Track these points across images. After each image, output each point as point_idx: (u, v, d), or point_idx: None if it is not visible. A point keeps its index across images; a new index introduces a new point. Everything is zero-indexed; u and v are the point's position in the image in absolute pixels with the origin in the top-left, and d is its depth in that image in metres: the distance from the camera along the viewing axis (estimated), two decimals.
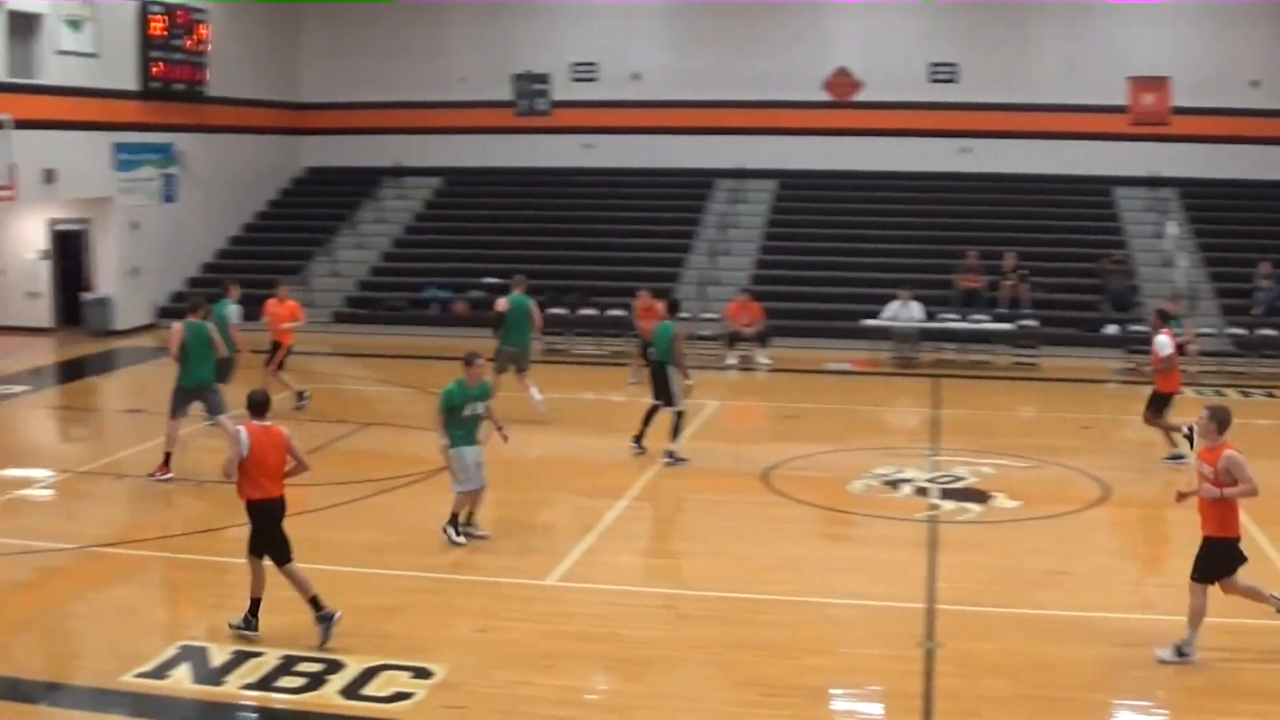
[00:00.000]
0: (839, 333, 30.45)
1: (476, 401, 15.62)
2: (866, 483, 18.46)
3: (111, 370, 29.58)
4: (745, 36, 37.55)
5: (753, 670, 11.81)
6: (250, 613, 12.70)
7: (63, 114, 30.77)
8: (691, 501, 17.90)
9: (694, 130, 38.05)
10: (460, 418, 15.50)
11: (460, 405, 15.47)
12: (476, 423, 15.71)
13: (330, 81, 41.17)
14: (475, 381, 15.67)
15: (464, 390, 15.55)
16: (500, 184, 39.29)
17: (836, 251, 34.35)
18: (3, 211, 31.66)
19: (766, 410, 25.49)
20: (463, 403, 15.50)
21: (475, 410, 15.61)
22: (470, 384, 15.60)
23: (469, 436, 15.60)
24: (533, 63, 39.19)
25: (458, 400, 15.47)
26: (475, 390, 15.63)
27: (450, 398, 15.46)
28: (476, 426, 15.73)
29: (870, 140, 36.85)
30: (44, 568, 15.24)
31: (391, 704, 11.17)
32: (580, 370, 28.71)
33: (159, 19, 33.84)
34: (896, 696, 11.40)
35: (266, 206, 40.27)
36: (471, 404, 15.56)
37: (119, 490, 18.66)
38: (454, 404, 15.44)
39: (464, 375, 15.62)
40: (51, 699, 11.59)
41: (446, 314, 33.50)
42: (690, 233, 36.13)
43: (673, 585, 14.28)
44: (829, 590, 14.09)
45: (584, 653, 12.35)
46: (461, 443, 15.51)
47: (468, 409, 15.54)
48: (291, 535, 12.72)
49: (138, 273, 34.00)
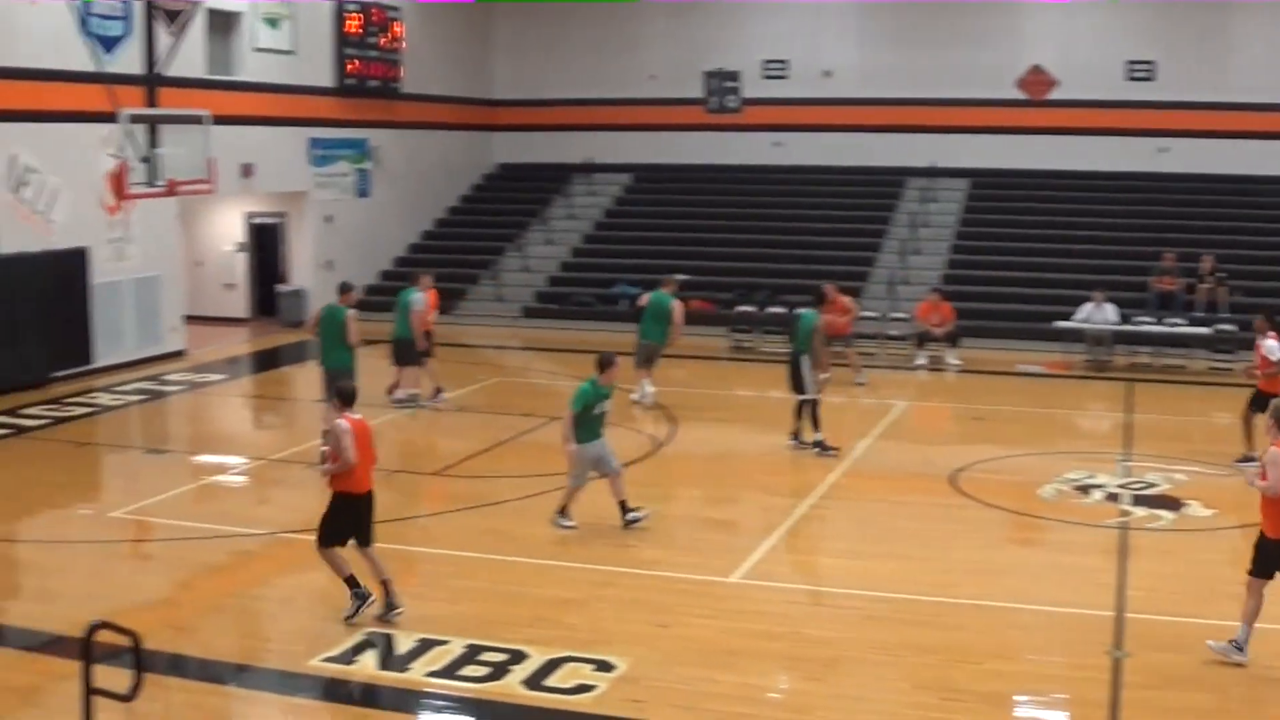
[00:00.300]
0: (1031, 334, 30.03)
1: (604, 400, 16.04)
2: (1056, 487, 18.19)
3: (304, 360, 30.07)
4: (938, 33, 37.21)
5: (934, 673, 11.72)
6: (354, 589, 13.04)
7: (260, 110, 31.52)
8: (878, 502, 17.77)
9: (885, 128, 37.79)
10: (589, 416, 15.89)
11: (592, 404, 15.86)
12: (602, 420, 16.14)
13: (522, 78, 41.64)
14: (609, 383, 16.06)
15: (597, 390, 15.92)
16: (690, 181, 39.37)
17: (1029, 252, 33.86)
18: (201, 205, 32.48)
19: (955, 412, 25.22)
20: (594, 402, 15.88)
21: (603, 409, 16.06)
22: (604, 385, 15.98)
23: (593, 433, 16.03)
24: (724, 60, 39.20)
25: (590, 400, 15.85)
26: (605, 390, 16.03)
27: (585, 398, 15.82)
28: (601, 424, 16.15)
29: (1065, 139, 36.27)
30: (236, 552, 15.62)
31: (573, 696, 11.28)
32: (768, 368, 28.54)
33: (354, 17, 34.48)
34: (1082, 705, 11.24)
35: (458, 202, 40.81)
36: (600, 403, 15.98)
37: (310, 478, 19.01)
38: (588, 404, 15.81)
39: (598, 376, 15.97)
40: (240, 680, 11.91)
41: (635, 310, 33.52)
42: (881, 231, 35.90)
43: (856, 586, 14.19)
44: (1015, 595, 13.89)
45: (765, 651, 12.35)
46: (584, 439, 15.90)
47: (597, 408, 15.95)
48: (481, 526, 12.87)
49: (331, 265, 34.64)
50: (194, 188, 23.62)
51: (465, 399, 24.52)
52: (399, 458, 21.02)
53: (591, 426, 15.99)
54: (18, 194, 24.72)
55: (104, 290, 26.73)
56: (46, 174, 25.25)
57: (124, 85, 22.81)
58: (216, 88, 29.37)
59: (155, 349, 28.25)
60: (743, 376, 27.65)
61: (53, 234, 25.51)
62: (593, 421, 15.99)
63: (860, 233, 35.85)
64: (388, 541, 15.75)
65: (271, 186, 32.99)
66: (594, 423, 16.01)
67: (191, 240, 34.02)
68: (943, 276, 33.04)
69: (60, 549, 15.88)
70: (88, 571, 15.08)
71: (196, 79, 28.47)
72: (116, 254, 27.18)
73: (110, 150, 25.28)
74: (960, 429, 23.75)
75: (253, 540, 16.15)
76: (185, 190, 23.70)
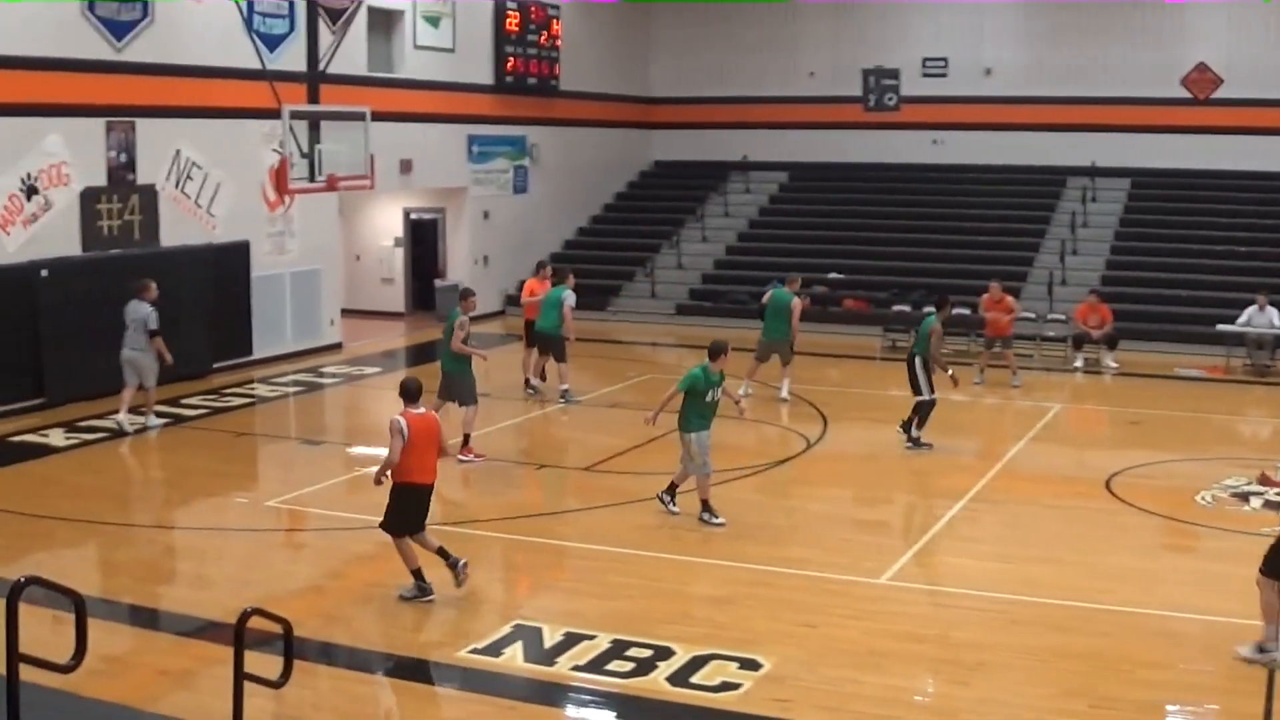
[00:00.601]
0: (1191, 337, 29.50)
1: (716, 388, 16.25)
2: (1214, 494, 17.83)
3: None
4: (1100, 31, 36.64)
5: (1083, 680, 11.55)
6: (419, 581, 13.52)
7: (420, 107, 31.84)
8: (1030, 505, 17.52)
9: (1045, 127, 37.28)
10: (702, 403, 16.13)
11: (703, 391, 16.10)
12: (714, 409, 16.35)
13: (680, 76, 41.74)
14: (719, 370, 16.28)
15: (708, 377, 16.15)
16: (846, 179, 39.18)
17: (1191, 253, 33.19)
18: (361, 200, 32.92)
19: (1111, 415, 24.80)
20: (705, 389, 16.12)
21: (715, 396, 16.26)
22: (714, 371, 16.22)
23: (706, 421, 16.23)
24: (883, 58, 38.91)
25: (701, 385, 16.11)
26: (716, 377, 16.25)
27: (693, 380, 16.13)
28: (713, 412, 16.36)
29: (1230, 139, 35.45)
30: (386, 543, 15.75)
31: (718, 693, 11.26)
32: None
33: (514, 15, 34.75)
34: (1235, 716, 11.02)
35: (614, 198, 40.99)
36: (713, 389, 16.21)
37: (463, 472, 19.19)
38: (698, 388, 16.08)
39: (709, 362, 16.23)
40: (388, 669, 12.05)
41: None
42: (1040, 231, 35.42)
43: (1006, 590, 14.02)
44: (1168, 603, 13.64)
45: (912, 653, 12.25)
46: (699, 428, 16.14)
47: (709, 395, 16.17)
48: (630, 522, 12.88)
49: (487, 261, 34.98)
50: (354, 183, 23.93)
51: (616, 395, 24.62)
52: (549, 452, 21.20)
53: (704, 414, 16.21)
54: (181, 188, 25.23)
55: (264, 283, 27.22)
56: (209, 169, 25.76)
57: (287, 82, 23.16)
58: (377, 85, 29.76)
59: (313, 342, 28.73)
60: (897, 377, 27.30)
61: (215, 228, 26.02)
62: (705, 409, 16.21)
63: (1019, 232, 35.42)
64: (539, 536, 15.90)
65: (430, 182, 33.35)
66: (706, 410, 16.24)
67: (350, 235, 34.53)
68: (1102, 278, 32.52)
69: (216, 536, 16.20)
70: (242, 559, 15.38)
71: (358, 76, 28.85)
72: (277, 248, 27.66)
73: (273, 146, 25.74)
74: (1116, 433, 23.37)
75: None
76: (345, 186, 24.01)
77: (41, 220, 22.59)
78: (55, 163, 22.76)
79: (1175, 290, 31.88)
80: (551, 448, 21.55)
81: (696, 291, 35.58)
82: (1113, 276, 32.75)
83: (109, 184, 23.82)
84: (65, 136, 22.91)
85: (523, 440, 22.05)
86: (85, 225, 23.37)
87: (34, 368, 22.33)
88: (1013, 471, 19.23)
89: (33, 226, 22.43)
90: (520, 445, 21.73)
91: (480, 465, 19.24)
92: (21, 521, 16.26)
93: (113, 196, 23.87)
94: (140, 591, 14.02)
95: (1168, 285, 32.15)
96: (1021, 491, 18.20)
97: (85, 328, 22.45)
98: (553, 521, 16.63)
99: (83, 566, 14.87)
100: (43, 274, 22.35)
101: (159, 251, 24.57)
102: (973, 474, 18.91)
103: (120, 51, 23.79)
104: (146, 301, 21.07)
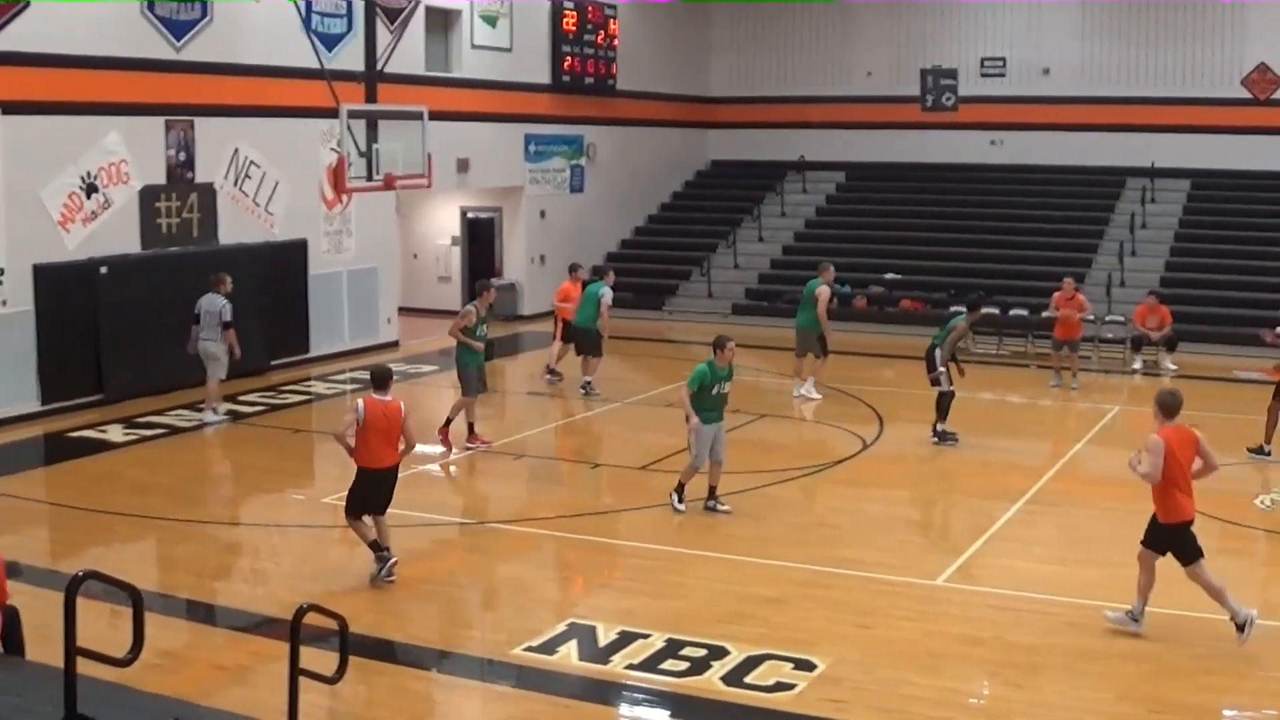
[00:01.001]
0: (1250, 340, 29.14)
1: (724, 381, 16.47)
2: (1273, 497, 17.70)
3: (516, 353, 30.54)
4: (1160, 31, 36.42)
5: (1141, 684, 11.47)
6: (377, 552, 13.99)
7: (477, 106, 31.95)
8: (1088, 508, 17.41)
9: (1104, 127, 37.06)
10: (708, 396, 16.30)
11: (710, 385, 16.30)
12: (723, 401, 16.59)
13: (737, 75, 41.79)
14: (725, 363, 16.44)
15: (714, 372, 16.36)
16: (903, 179, 39.07)
17: (1250, 255, 32.95)
18: (418, 199, 33.03)
19: None
20: (712, 383, 16.33)
21: (722, 390, 16.49)
22: (720, 365, 16.38)
23: (715, 414, 16.48)
24: (941, 58, 38.74)
25: (708, 380, 16.31)
26: (724, 372, 16.43)
27: (701, 378, 16.31)
28: (723, 404, 16.61)
29: None
30: (444, 541, 15.87)
31: (773, 694, 11.25)
32: (980, 369, 28.21)
33: (571, 15, 34.83)
34: None
35: (670, 198, 41.01)
36: (719, 384, 16.42)
37: (519, 469, 19.22)
38: (705, 384, 16.28)
39: (715, 357, 16.40)
40: (443, 666, 12.11)
41: (846, 309, 33.38)
42: (1099, 232, 35.22)
43: (1064, 593, 13.94)
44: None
45: (968, 655, 12.21)
46: (706, 421, 16.32)
47: (715, 388, 16.38)
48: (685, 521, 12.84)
49: (543, 260, 35.05)
50: (411, 182, 23.99)
51: (671, 394, 24.55)
52: (605, 451, 21.20)
53: (709, 406, 16.38)
54: (240, 187, 25.38)
55: (322, 281, 27.37)
56: (267, 167, 25.90)
57: (344, 81, 23.26)
58: (434, 84, 29.87)
59: (370, 339, 28.87)
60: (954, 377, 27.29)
61: (273, 226, 26.16)
62: (713, 402, 16.41)
63: (1078, 233, 35.23)
64: (593, 534, 15.91)
65: (487, 181, 33.43)
66: (715, 403, 16.45)
67: (407, 233, 34.66)
68: (1161, 279, 32.31)
69: (272, 533, 16.30)
70: (298, 555, 15.47)
71: (415, 75, 28.94)
72: (334, 246, 27.80)
73: (330, 145, 25.85)
74: None
75: (458, 529, 16.40)
76: (402, 184, 24.08)
77: (101, 218, 22.78)
78: (115, 161, 22.95)
79: (1235, 292, 31.64)
80: (607, 446, 21.55)
81: (753, 291, 35.54)
82: (1172, 278, 32.53)
83: (168, 182, 24.01)
84: (125, 135, 23.11)
85: (576, 439, 22.09)
86: (144, 223, 23.57)
87: (93, 364, 22.53)
88: (1070, 474, 19.14)
89: (92, 224, 22.62)
90: (573, 444, 21.77)
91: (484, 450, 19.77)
92: (80, 516, 16.41)
93: (172, 195, 24.06)
94: (197, 587, 14.12)
95: (1227, 287, 31.92)
96: (1079, 494, 18.10)
97: (144, 325, 22.67)
98: (607, 520, 16.64)
99: (140, 561, 14.98)
100: (102, 271, 22.55)
101: (217, 249, 24.73)
102: (1030, 476, 18.82)
103: (179, 51, 23.98)
104: (221, 294, 21.46)
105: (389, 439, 13.82)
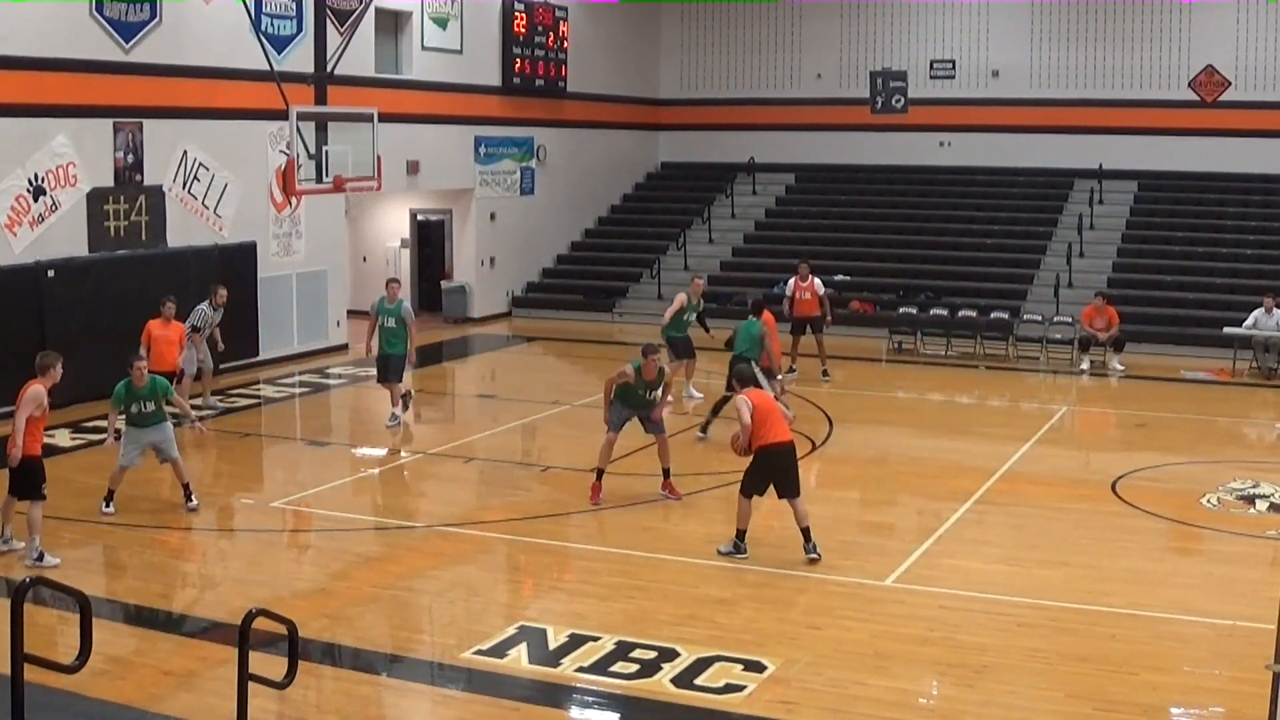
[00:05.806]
0: (1197, 340, 29.49)
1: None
2: (1220, 496, 17.81)
3: (466, 356, 30.52)
4: (1108, 33, 36.64)
5: (1089, 683, 11.53)
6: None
7: (427, 108, 31.91)
8: (1036, 508, 17.49)
9: (1053, 129, 37.27)
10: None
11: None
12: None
13: (687, 77, 41.83)
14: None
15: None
16: (853, 181, 39.22)
17: (1198, 256, 33.22)
18: (367, 201, 32.96)
19: (1118, 418, 24.78)
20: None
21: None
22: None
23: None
24: (891, 60, 38.93)
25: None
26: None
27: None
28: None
29: (1237, 141, 35.38)
30: (394, 544, 15.83)
31: (723, 695, 11.25)
32: (928, 370, 28.42)
33: (522, 17, 34.80)
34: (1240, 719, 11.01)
35: (620, 200, 41.02)
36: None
37: (468, 472, 19.18)
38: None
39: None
40: (393, 670, 12.05)
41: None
42: (1047, 234, 35.40)
43: (1012, 592, 14.01)
44: (1174, 606, 13.62)
45: (918, 656, 12.24)
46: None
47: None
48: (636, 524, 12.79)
49: (493, 263, 35.03)
50: (360, 184, 23.91)
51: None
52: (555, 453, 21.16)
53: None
54: (188, 189, 25.26)
55: (271, 284, 27.26)
56: (216, 170, 25.79)
57: (294, 83, 23.18)
58: (385, 86, 29.78)
59: (319, 343, 28.79)
60: (902, 378, 27.44)
61: (222, 229, 26.05)
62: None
63: (1026, 235, 35.45)
64: (542, 537, 15.89)
65: (437, 184, 33.38)
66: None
67: (357, 236, 34.60)
68: (1108, 280, 32.52)
69: (221, 537, 16.25)
70: (247, 560, 15.42)
71: (365, 77, 28.87)
72: (284, 249, 27.71)
73: (280, 147, 25.76)
74: (1122, 435, 23.35)
75: (408, 533, 16.34)
76: (352, 187, 24.00)
77: (48, 221, 22.64)
78: (62, 163, 22.82)
79: (1182, 293, 31.87)
80: (555, 449, 21.52)
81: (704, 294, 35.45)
82: (1119, 279, 32.74)
83: (116, 184, 23.88)
84: (72, 137, 22.98)
85: (526, 441, 22.08)
86: (92, 226, 23.43)
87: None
88: (1019, 474, 19.21)
89: (39, 227, 22.48)
90: (523, 446, 21.76)
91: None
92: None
93: (120, 197, 23.92)
94: (145, 592, 14.03)
95: (1175, 288, 32.15)
96: (1027, 494, 18.18)
97: (92, 328, 22.49)
98: (557, 523, 16.62)
99: (88, 567, 14.87)
100: (49, 274, 22.40)
101: (166, 252, 24.62)
102: (979, 476, 18.88)
103: (128, 52, 23.86)
104: (205, 304, 22.60)
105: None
